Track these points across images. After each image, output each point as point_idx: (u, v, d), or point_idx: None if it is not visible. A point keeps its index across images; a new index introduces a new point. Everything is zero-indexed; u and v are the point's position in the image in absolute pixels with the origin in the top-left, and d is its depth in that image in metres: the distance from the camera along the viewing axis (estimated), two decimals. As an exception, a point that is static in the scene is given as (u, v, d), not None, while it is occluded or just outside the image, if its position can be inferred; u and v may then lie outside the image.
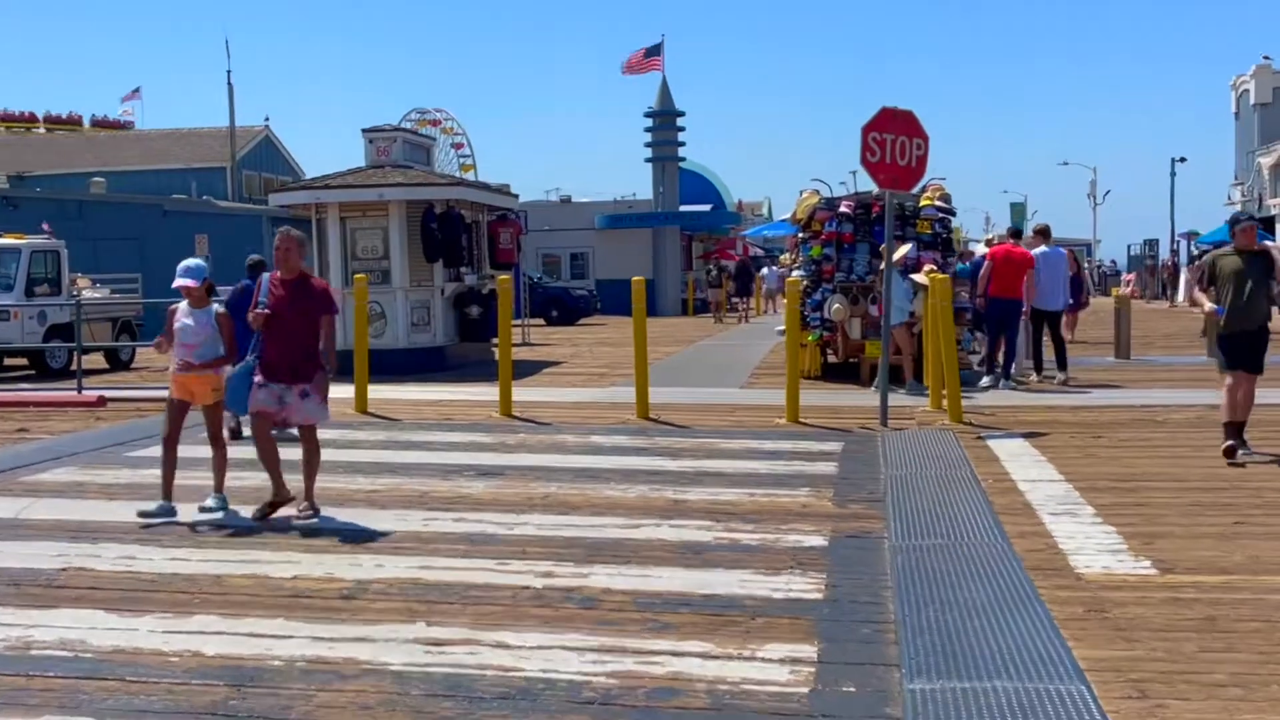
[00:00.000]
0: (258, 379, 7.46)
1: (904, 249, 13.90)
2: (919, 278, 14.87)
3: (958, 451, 9.83)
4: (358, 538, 6.94)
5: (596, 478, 8.79)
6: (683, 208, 40.10)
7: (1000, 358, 14.82)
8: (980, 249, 17.85)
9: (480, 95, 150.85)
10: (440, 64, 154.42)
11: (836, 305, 15.31)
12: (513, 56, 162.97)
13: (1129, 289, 38.98)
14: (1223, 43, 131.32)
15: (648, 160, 40.04)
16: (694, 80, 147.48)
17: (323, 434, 11.34)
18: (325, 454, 9.90)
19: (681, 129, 39.82)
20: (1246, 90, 40.95)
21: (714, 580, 5.90)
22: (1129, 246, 48.61)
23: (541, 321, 31.92)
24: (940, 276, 12.11)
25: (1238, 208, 39.37)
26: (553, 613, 5.39)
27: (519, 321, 23.80)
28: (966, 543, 6.65)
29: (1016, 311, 15.09)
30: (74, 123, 53.48)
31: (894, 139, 11.54)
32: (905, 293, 13.46)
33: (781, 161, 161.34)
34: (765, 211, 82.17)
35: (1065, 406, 12.65)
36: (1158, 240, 48.67)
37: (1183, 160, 51.34)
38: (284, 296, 7.45)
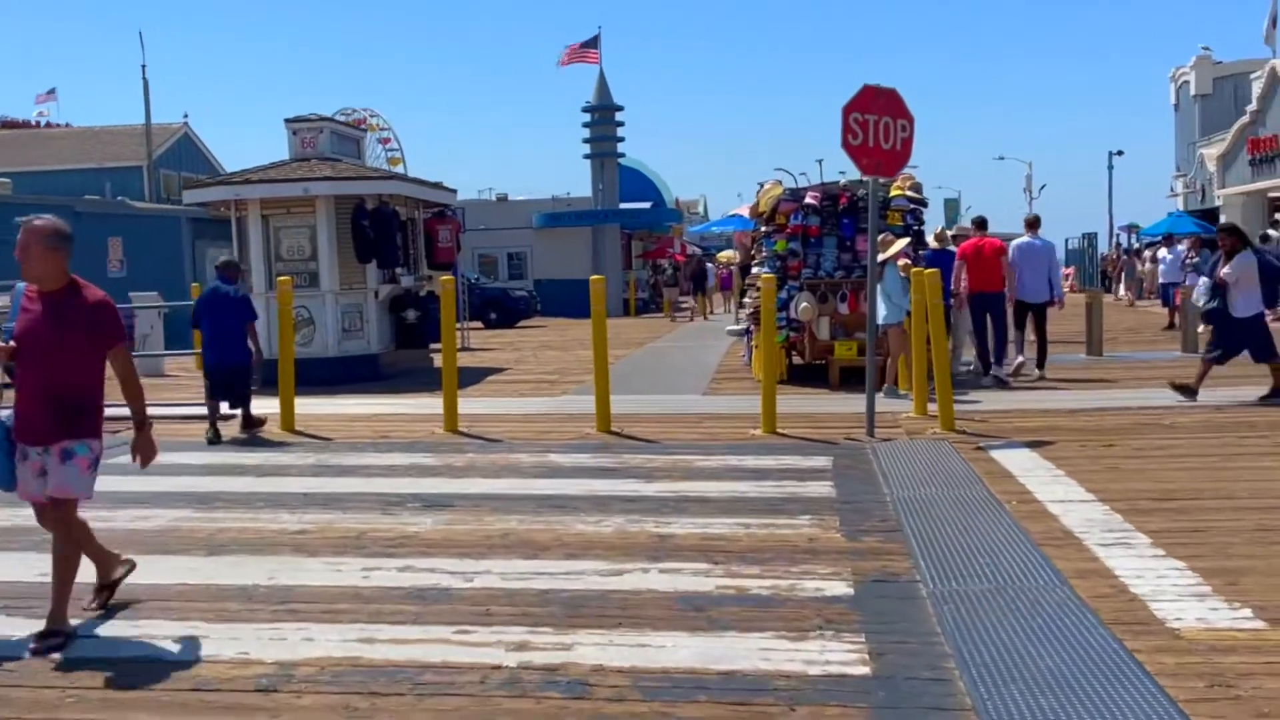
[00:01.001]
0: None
1: (901, 243, 12.86)
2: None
3: (962, 466, 8.78)
4: (280, 598, 5.67)
5: (563, 507, 7.59)
6: (622, 205, 38.92)
7: (990, 353, 14.35)
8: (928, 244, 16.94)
9: (410, 94, 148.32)
10: (368, 63, 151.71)
11: (804, 304, 14.24)
12: (443, 55, 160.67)
13: (1068, 284, 38.49)
14: (1159, 35, 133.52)
15: (586, 157, 38.80)
16: (630, 76, 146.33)
17: (244, 458, 10.16)
18: (246, 484, 8.63)
19: (620, 124, 38.60)
20: (1186, 82, 40.65)
21: (729, 650, 4.74)
22: (1066, 240, 48.19)
23: (479, 324, 30.58)
24: (929, 271, 11.07)
25: (1180, 200, 39.16)
26: (534, 706, 4.20)
27: (458, 325, 22.44)
28: (1019, 587, 5.56)
29: (999, 304, 14.36)
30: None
31: (877, 120, 10.49)
32: (905, 288, 12.42)
33: (717, 159, 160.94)
34: (701, 210, 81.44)
35: (1061, 410, 11.68)
36: (1096, 234, 48.41)
37: (1120, 154, 51.41)
38: (38, 316, 5.10)
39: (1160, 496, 7.47)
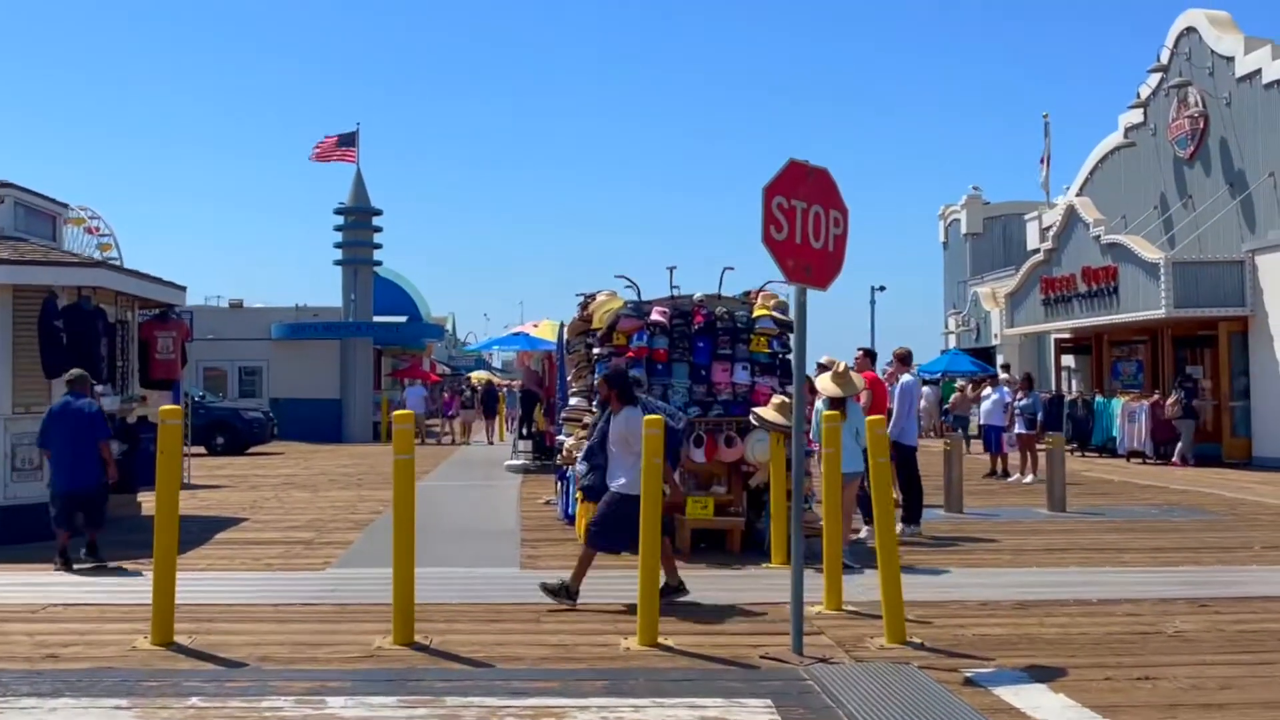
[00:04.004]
0: None
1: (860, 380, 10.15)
2: (768, 412, 11.02)
3: (984, 725, 5.74)
4: None
5: None
6: (376, 318, 35.02)
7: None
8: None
9: (125, 185, 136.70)
10: (75, 155, 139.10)
11: (651, 449, 11.07)
12: (166, 143, 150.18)
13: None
14: (925, 173, 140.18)
15: (337, 263, 34.81)
16: (384, 181, 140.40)
17: None
18: None
19: (378, 229, 34.94)
20: (956, 220, 40.86)
21: None
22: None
23: (203, 450, 25.83)
24: (875, 418, 8.15)
25: (955, 336, 38.89)
26: None
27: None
28: None
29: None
30: None
31: (805, 208, 7.61)
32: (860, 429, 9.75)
33: (465, 276, 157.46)
34: (450, 328, 77.97)
35: (1003, 603, 8.93)
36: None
37: (882, 289, 51.66)
38: None
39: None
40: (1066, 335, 29.25)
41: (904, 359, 13.21)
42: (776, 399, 11.16)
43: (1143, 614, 8.55)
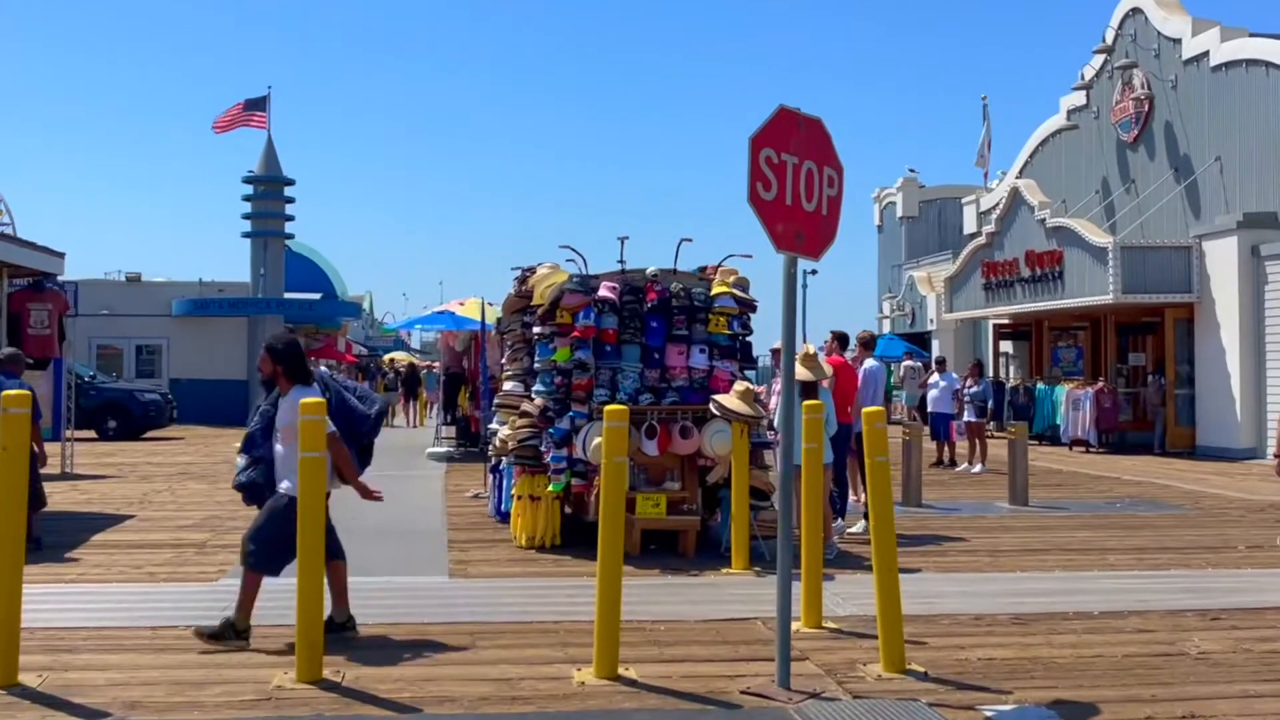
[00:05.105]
0: None
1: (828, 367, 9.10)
2: (731, 400, 9.89)
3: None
4: None
5: None
6: (288, 295, 33.20)
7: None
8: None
9: (21, 156, 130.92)
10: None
11: (598, 439, 9.82)
12: (59, 112, 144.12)
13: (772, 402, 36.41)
14: (862, 155, 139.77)
15: (246, 235, 32.92)
16: (297, 150, 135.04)
17: None
18: None
19: (290, 200, 33.11)
20: (891, 203, 40.13)
21: None
22: (759, 358, 46.62)
23: (93, 435, 23.98)
24: (874, 410, 6.99)
25: (890, 321, 38.20)
26: None
27: (57, 441, 16.28)
28: None
29: (848, 441, 11.10)
30: None
31: (797, 164, 6.44)
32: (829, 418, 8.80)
33: (384, 255, 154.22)
34: (367, 307, 75.91)
35: (1003, 618, 7.90)
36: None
37: (814, 273, 50.86)
38: None
39: None
40: (1005, 320, 28.60)
41: (867, 344, 12.20)
42: (739, 385, 10.04)
43: (1153, 629, 7.59)
